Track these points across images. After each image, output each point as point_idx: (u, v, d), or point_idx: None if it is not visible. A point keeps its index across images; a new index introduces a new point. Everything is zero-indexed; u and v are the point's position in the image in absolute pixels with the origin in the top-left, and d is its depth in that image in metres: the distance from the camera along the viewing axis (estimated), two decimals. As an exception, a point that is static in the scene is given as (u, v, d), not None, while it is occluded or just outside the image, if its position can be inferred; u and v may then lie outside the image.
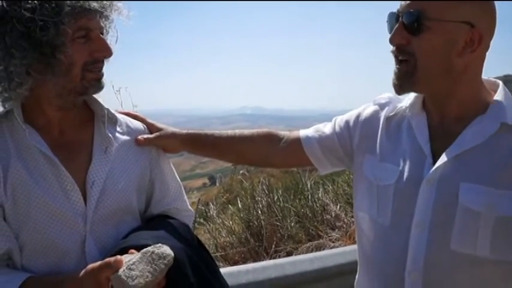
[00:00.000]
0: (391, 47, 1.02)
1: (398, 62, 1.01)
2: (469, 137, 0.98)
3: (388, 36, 1.02)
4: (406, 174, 1.04)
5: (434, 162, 1.00)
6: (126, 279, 0.82)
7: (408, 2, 0.97)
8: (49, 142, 1.03)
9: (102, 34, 1.06)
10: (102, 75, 1.07)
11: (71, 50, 0.98)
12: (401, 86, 1.02)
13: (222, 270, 1.40)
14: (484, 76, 1.06)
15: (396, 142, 1.10)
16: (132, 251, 0.93)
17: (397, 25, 0.99)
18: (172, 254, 0.90)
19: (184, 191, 1.32)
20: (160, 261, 0.87)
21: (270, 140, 1.31)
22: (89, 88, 1.05)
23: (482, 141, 0.96)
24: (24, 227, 0.99)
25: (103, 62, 1.07)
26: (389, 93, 1.20)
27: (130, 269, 0.84)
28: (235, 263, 3.10)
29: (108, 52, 1.05)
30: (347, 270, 1.91)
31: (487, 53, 1.01)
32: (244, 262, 3.10)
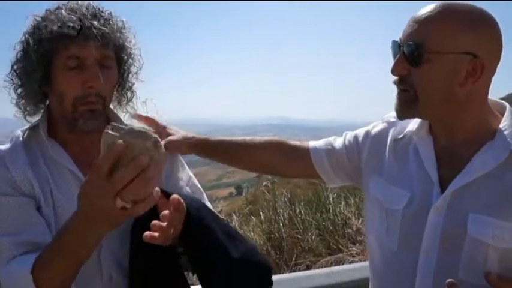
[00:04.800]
0: (393, 77, 1.01)
1: (400, 90, 1.00)
2: (478, 165, 0.95)
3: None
4: (415, 200, 1.03)
5: (443, 187, 0.99)
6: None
7: (408, 32, 0.96)
8: (72, 157, 1.06)
9: (109, 65, 1.01)
10: (98, 108, 1.01)
11: (60, 78, 0.97)
12: (402, 112, 1.01)
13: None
14: (491, 95, 1.02)
15: (404, 166, 1.09)
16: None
17: (398, 55, 0.98)
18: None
19: (206, 197, 1.29)
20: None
21: (280, 149, 1.30)
22: (78, 119, 0.99)
23: (491, 170, 0.94)
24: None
25: (98, 96, 0.99)
26: None
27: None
28: (256, 275, 3.14)
29: (96, 82, 0.96)
30: (364, 286, 1.91)
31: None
32: (265, 274, 3.13)
